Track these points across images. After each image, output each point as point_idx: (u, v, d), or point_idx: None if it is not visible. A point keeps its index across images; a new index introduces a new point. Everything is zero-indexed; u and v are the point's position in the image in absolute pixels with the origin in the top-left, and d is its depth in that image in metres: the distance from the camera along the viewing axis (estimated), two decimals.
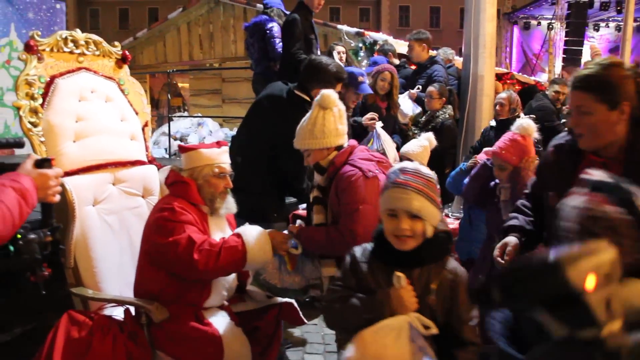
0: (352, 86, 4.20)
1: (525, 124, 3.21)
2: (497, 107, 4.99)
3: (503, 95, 5.06)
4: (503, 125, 4.70)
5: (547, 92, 6.37)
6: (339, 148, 2.62)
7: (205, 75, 11.70)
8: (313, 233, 2.63)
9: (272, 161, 3.46)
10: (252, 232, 2.52)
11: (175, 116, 11.26)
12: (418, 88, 5.57)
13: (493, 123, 5.10)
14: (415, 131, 5.14)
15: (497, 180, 3.25)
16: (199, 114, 10.67)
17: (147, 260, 2.56)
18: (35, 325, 3.42)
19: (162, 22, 12.32)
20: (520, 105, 5.10)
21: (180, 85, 16.99)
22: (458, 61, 6.65)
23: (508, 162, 3.12)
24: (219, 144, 2.75)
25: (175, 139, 8.51)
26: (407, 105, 5.31)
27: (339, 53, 5.97)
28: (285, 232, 2.69)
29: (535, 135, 3.24)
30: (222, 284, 2.67)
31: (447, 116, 5.23)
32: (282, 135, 3.12)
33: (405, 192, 1.84)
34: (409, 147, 4.07)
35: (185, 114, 13.36)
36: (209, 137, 8.95)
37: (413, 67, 6.40)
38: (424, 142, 4.03)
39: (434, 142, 4.08)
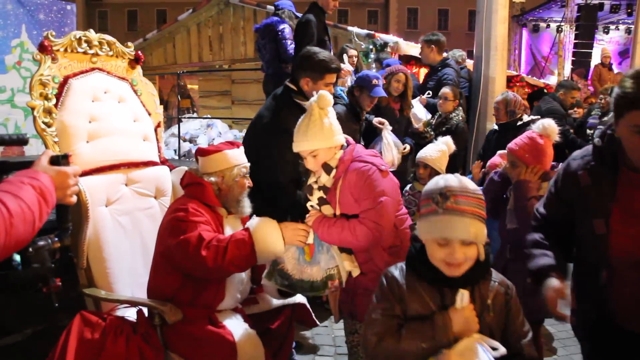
0: (366, 89, 4.20)
1: (547, 123, 3.07)
2: (494, 112, 4.89)
3: (498, 98, 4.89)
4: (505, 128, 4.62)
5: (556, 95, 6.24)
6: (342, 147, 2.60)
7: (214, 76, 11.71)
8: (332, 226, 2.48)
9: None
10: (259, 224, 2.48)
11: (184, 117, 11.27)
12: (428, 93, 5.54)
13: (496, 127, 4.98)
14: (431, 132, 5.11)
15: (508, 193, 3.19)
16: (208, 115, 10.68)
17: (161, 262, 2.56)
18: (48, 325, 3.42)
19: (172, 24, 12.34)
20: (523, 106, 4.91)
21: (189, 86, 17.01)
22: (468, 64, 6.63)
23: (520, 159, 3.01)
24: (234, 144, 2.75)
25: (185, 140, 8.52)
26: (420, 110, 5.24)
27: (350, 57, 5.96)
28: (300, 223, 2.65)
29: (556, 138, 3.10)
30: (236, 286, 2.67)
31: (460, 118, 5.20)
32: (261, 129, 3.17)
33: (461, 220, 1.67)
34: (427, 152, 3.96)
35: (195, 115, 13.38)
36: (218, 139, 8.96)
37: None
38: (442, 146, 3.91)
39: (453, 147, 3.97)
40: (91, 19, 34.45)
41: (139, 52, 3.34)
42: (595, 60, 14.67)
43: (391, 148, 4.49)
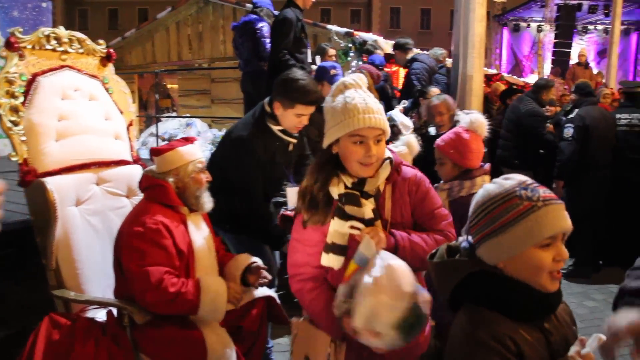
0: (325, 80, 4.17)
1: (474, 118, 2.84)
2: (437, 119, 4.21)
3: (434, 101, 4.26)
4: None
5: (536, 95, 6.13)
6: None
7: (194, 75, 11.63)
8: (418, 245, 1.98)
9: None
10: (211, 289, 2.47)
11: (163, 117, 11.18)
12: (404, 103, 5.53)
13: (433, 132, 4.44)
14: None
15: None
16: (188, 115, 10.60)
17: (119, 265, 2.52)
18: (18, 329, 3.36)
19: (151, 22, 12.24)
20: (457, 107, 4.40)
21: (169, 86, 16.89)
22: (449, 62, 6.66)
23: (446, 155, 2.83)
24: (189, 139, 2.70)
25: (164, 140, 8.44)
26: (404, 117, 5.04)
27: (330, 57, 5.96)
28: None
29: (485, 133, 2.88)
30: None
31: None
32: (229, 145, 3.05)
33: (562, 208, 1.38)
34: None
35: (174, 114, 13.28)
36: (198, 138, 8.89)
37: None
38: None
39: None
40: (71, 17, 34.05)
41: (111, 50, 3.29)
42: (574, 59, 14.85)
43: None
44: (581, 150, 5.30)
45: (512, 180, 1.42)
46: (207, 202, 2.67)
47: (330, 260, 1.96)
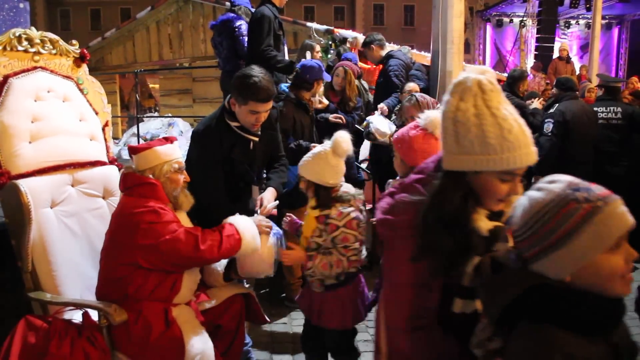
0: (322, 78, 4.26)
1: (432, 116, 2.62)
2: (409, 122, 3.83)
3: (404, 103, 3.75)
4: None
5: (512, 88, 6.17)
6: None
7: (175, 75, 11.58)
8: None
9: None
10: (241, 221, 2.65)
11: (145, 117, 11.13)
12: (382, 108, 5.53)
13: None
14: None
15: None
16: (169, 114, 10.55)
17: (122, 261, 2.48)
18: None
19: (131, 22, 12.17)
20: (435, 103, 3.93)
21: (150, 85, 16.80)
22: (427, 57, 6.69)
23: (395, 148, 2.72)
24: (168, 139, 2.70)
25: (145, 140, 8.39)
26: (382, 123, 4.84)
27: (317, 52, 5.96)
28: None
29: (438, 132, 2.74)
30: (193, 279, 2.65)
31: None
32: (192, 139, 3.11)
33: (621, 202, 1.27)
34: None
35: (156, 114, 13.21)
36: (180, 138, 8.86)
37: None
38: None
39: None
40: (53, 18, 33.74)
41: (90, 51, 3.27)
42: (556, 54, 14.98)
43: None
44: (561, 145, 5.29)
45: (559, 182, 1.29)
46: (185, 202, 2.67)
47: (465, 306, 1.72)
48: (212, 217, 2.84)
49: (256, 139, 3.13)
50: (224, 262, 2.83)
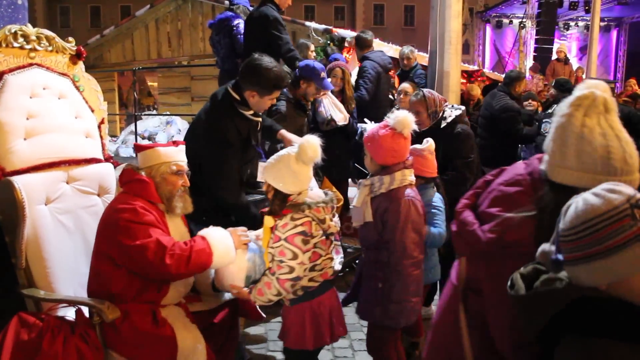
0: (314, 81, 4.19)
1: (401, 116, 2.73)
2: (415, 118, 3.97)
3: (412, 98, 3.89)
4: (429, 135, 3.56)
5: (507, 88, 6.11)
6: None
7: (173, 73, 11.58)
8: None
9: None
10: (216, 235, 2.54)
11: (143, 115, 11.13)
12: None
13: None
14: None
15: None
16: (168, 112, 10.55)
17: (106, 259, 2.50)
18: None
19: (130, 20, 12.17)
20: (443, 101, 3.96)
21: (149, 83, 16.79)
22: (426, 57, 6.69)
23: (365, 147, 2.81)
24: (175, 142, 2.71)
25: (144, 138, 8.41)
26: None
27: (313, 52, 5.96)
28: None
29: (408, 133, 2.75)
30: (183, 282, 2.64)
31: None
32: (201, 135, 3.11)
33: None
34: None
35: (154, 112, 13.21)
36: (178, 136, 8.86)
37: None
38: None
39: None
40: (52, 15, 33.67)
41: (81, 47, 3.27)
42: (555, 55, 15.01)
43: (340, 107, 4.64)
44: None
45: (619, 194, 1.26)
46: (178, 207, 2.64)
47: None
48: (227, 213, 2.93)
49: (260, 119, 3.29)
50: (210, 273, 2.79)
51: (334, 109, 4.57)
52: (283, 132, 3.56)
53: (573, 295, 1.28)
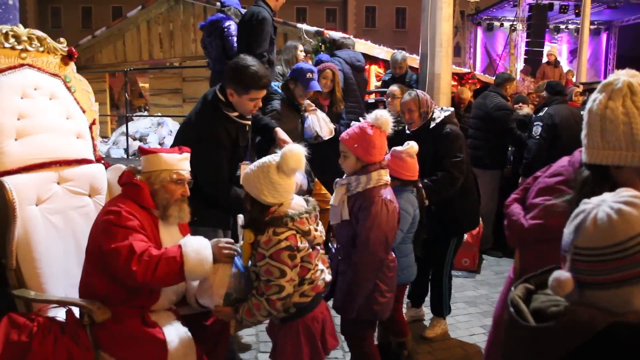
0: (300, 82, 4.21)
1: (379, 114, 2.84)
2: (406, 116, 3.88)
3: (405, 97, 3.91)
4: (420, 134, 3.75)
5: (498, 89, 6.13)
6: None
7: (165, 74, 11.57)
8: None
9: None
10: (193, 244, 2.42)
11: (134, 116, 11.11)
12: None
13: (406, 131, 4.04)
14: None
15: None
16: (159, 114, 10.53)
17: (93, 261, 2.50)
18: None
19: (122, 20, 12.15)
20: (432, 102, 3.94)
21: (140, 85, 16.75)
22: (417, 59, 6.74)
23: (350, 150, 2.82)
24: (180, 149, 2.67)
25: (135, 139, 8.39)
26: None
27: (302, 52, 5.96)
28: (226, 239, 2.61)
29: (389, 130, 2.86)
30: (173, 289, 2.62)
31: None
32: (192, 135, 3.12)
33: None
34: None
35: (145, 113, 13.18)
36: (169, 137, 8.85)
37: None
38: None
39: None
40: (44, 15, 33.54)
41: (79, 49, 3.27)
42: (546, 58, 15.11)
43: (326, 120, 4.65)
44: (550, 148, 5.27)
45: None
46: (174, 215, 2.60)
47: None
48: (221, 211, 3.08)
49: (249, 122, 3.26)
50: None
51: (319, 124, 4.60)
52: (278, 130, 3.55)
53: (599, 325, 1.13)
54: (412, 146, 3.25)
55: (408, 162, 3.22)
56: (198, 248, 2.40)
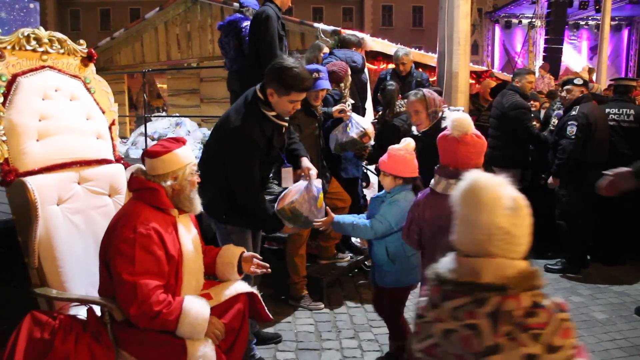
0: None
1: (406, 142, 3.22)
2: (413, 117, 3.88)
3: (411, 98, 3.87)
4: (429, 135, 3.65)
5: (515, 85, 5.98)
6: None
7: (183, 75, 11.62)
8: None
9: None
10: (192, 312, 2.44)
11: (153, 116, 11.19)
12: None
13: (415, 132, 3.97)
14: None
15: None
16: (177, 114, 10.60)
17: (104, 266, 2.54)
18: (4, 328, 3.38)
19: (140, 22, 12.23)
20: (441, 102, 3.91)
21: (158, 85, 16.87)
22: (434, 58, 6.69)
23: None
24: (180, 140, 2.69)
25: (153, 140, 8.45)
26: (362, 120, 4.80)
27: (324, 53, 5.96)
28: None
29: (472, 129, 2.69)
30: (194, 286, 2.68)
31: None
32: (226, 128, 3.14)
33: None
34: None
35: (164, 114, 13.26)
36: (187, 137, 8.89)
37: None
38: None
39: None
40: (63, 18, 34.01)
41: (92, 50, 3.30)
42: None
43: (365, 121, 4.64)
44: (582, 148, 5.20)
45: None
46: (197, 203, 2.69)
47: None
48: (245, 213, 3.13)
49: (286, 124, 3.28)
50: (237, 253, 2.91)
51: (362, 122, 4.58)
52: (305, 160, 3.43)
53: None
54: (409, 143, 3.25)
55: (407, 160, 3.21)
56: (195, 321, 2.43)
